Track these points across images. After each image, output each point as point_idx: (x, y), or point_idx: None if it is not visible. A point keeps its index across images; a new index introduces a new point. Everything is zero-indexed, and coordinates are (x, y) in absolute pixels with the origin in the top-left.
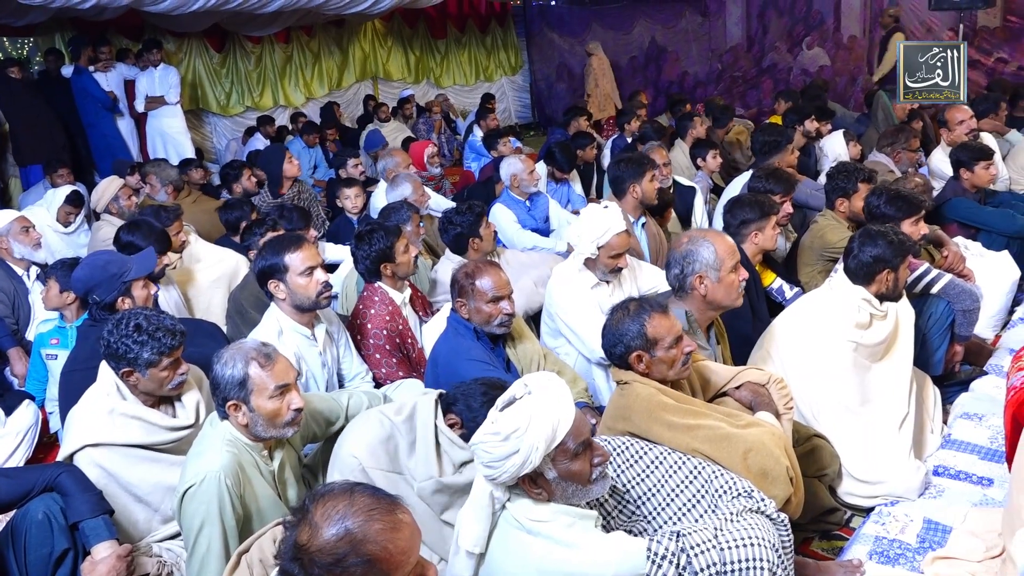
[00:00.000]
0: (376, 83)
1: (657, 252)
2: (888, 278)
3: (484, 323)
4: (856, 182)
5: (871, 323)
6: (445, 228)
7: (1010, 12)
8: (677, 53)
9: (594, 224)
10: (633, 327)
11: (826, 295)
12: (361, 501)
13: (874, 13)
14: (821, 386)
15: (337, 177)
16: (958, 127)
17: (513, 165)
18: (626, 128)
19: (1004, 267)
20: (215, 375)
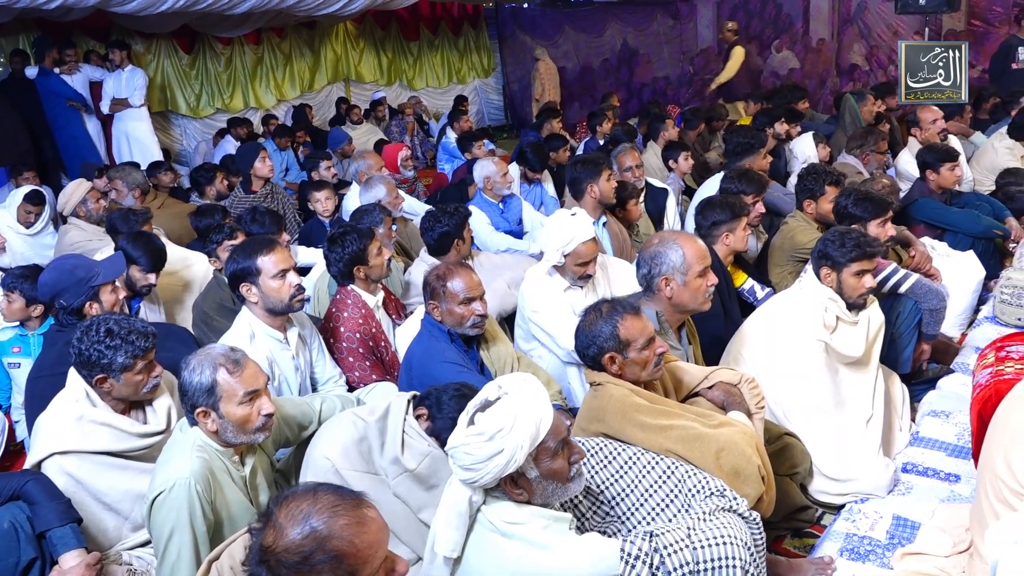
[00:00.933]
0: (348, 85)
1: (620, 250)
2: (830, 278)
3: (456, 325)
4: (823, 185)
5: (837, 325)
6: (431, 226)
7: (974, 16)
8: (649, 56)
9: (560, 232)
10: (606, 329)
11: (795, 296)
12: (325, 499)
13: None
14: (792, 386)
15: (309, 180)
16: (931, 127)
17: (486, 168)
18: (598, 130)
19: (969, 267)
20: (183, 381)
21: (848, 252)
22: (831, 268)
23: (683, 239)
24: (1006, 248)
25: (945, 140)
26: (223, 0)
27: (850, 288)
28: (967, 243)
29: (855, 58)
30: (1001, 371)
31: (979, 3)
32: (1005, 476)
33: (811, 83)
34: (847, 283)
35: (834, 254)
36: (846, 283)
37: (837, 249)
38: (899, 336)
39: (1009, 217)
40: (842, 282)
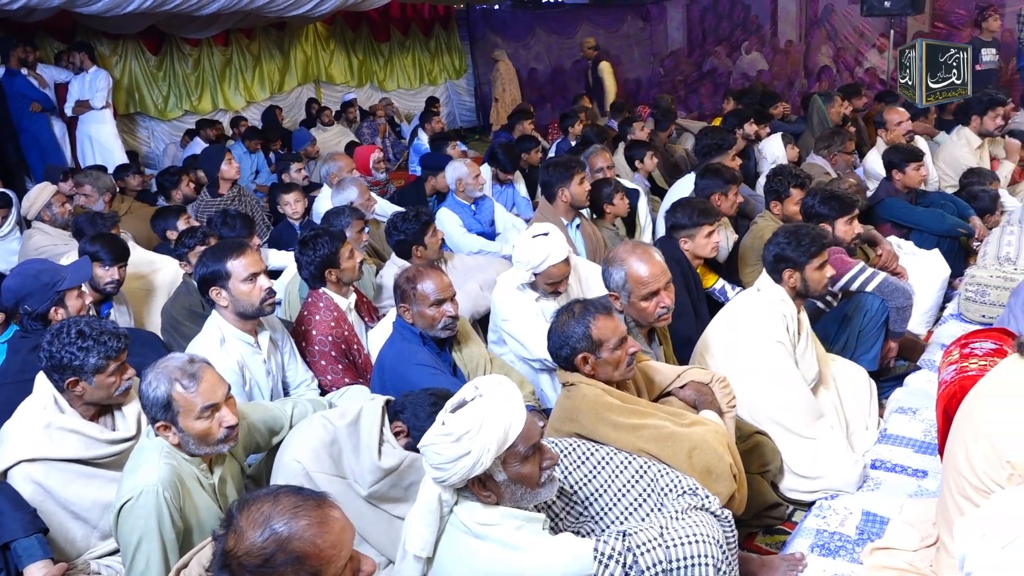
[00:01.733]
0: (319, 87)
1: (594, 252)
2: (793, 278)
3: (428, 327)
4: (789, 187)
5: (798, 340)
6: (390, 233)
7: (937, 18)
8: (620, 57)
9: (532, 253)
10: (578, 329)
11: (753, 299)
12: (286, 501)
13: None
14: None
15: (279, 182)
16: (896, 128)
17: (458, 169)
18: (570, 131)
19: (935, 265)
20: (142, 394)
21: (806, 250)
22: (793, 269)
23: (633, 259)
24: (970, 246)
25: (911, 141)
26: (191, 1)
27: (815, 283)
28: (932, 242)
29: (822, 60)
30: (965, 368)
31: (943, 5)
32: (967, 472)
33: (779, 84)
34: (811, 279)
35: (793, 255)
36: (810, 279)
37: (795, 250)
38: (866, 334)
39: (973, 216)
40: (806, 279)
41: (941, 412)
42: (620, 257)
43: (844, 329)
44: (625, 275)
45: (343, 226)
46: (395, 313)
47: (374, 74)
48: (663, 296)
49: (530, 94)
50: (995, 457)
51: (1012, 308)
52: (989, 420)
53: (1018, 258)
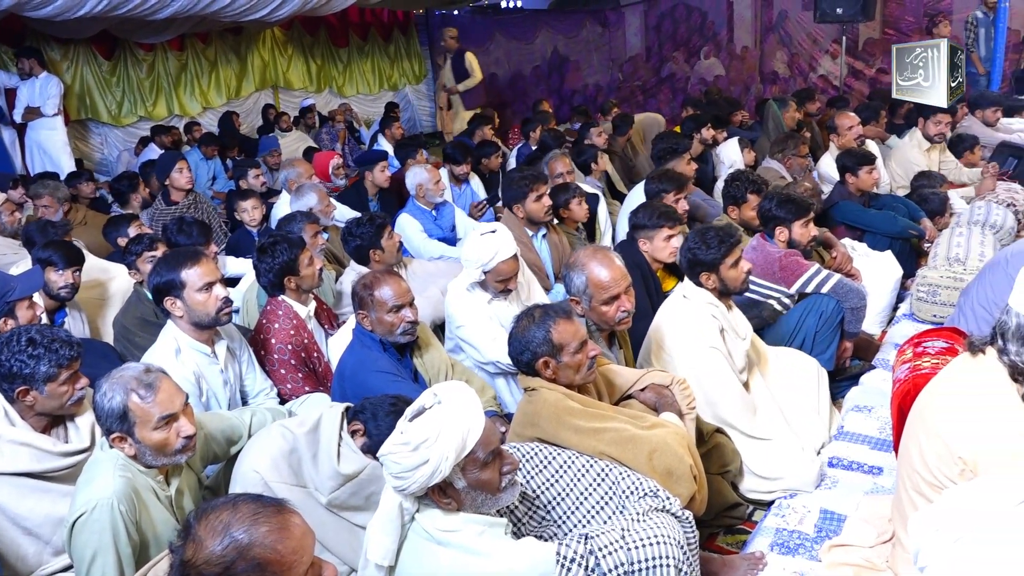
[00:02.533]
0: (276, 92)
1: (560, 262)
2: (711, 280)
3: (387, 333)
4: (746, 192)
5: (723, 336)
6: (346, 239)
7: (888, 25)
8: (579, 63)
9: (480, 250)
10: (539, 333)
11: (680, 305)
12: (245, 508)
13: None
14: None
15: (237, 189)
16: (848, 132)
17: (418, 175)
18: (531, 136)
19: (888, 266)
20: (96, 405)
21: (716, 250)
22: (708, 271)
23: (593, 264)
24: (921, 248)
25: (862, 145)
26: (144, 5)
27: (732, 280)
28: (885, 243)
29: (777, 65)
30: (919, 366)
31: (892, 13)
32: (920, 468)
33: (736, 89)
34: (728, 277)
35: (705, 258)
36: (727, 277)
37: (705, 252)
38: (822, 335)
39: (924, 218)
40: (724, 279)
41: (896, 410)
42: (580, 262)
43: (800, 330)
44: (586, 280)
45: (298, 231)
46: (355, 320)
47: (333, 79)
48: (624, 300)
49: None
50: (947, 453)
51: (962, 308)
52: (941, 417)
53: (967, 259)
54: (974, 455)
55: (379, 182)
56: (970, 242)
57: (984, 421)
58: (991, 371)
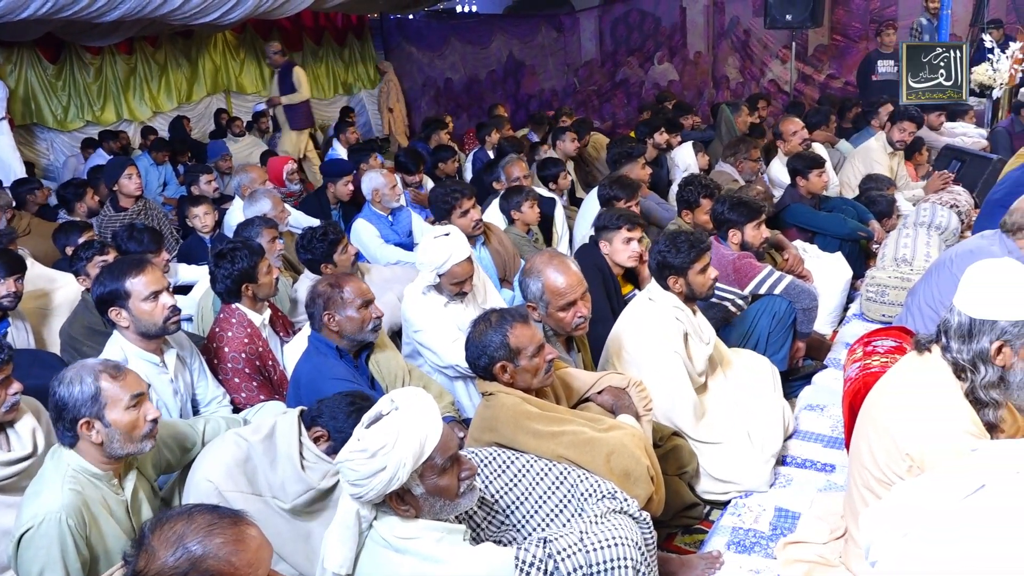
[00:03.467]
0: (229, 96)
1: (503, 268)
2: (678, 284)
3: (358, 330)
4: (699, 196)
5: (686, 340)
6: (299, 251)
7: (835, 31)
8: (535, 67)
9: (434, 253)
10: (496, 338)
11: (646, 307)
12: (200, 519)
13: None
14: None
15: (188, 194)
16: (792, 138)
17: (375, 180)
18: (487, 141)
19: (838, 267)
20: (60, 397)
21: (686, 255)
22: (676, 275)
23: (549, 270)
24: (870, 249)
25: (808, 148)
26: (91, 8)
27: (699, 286)
28: (835, 245)
29: (729, 71)
30: (868, 365)
31: (840, 19)
32: (870, 465)
33: (690, 94)
34: (695, 282)
35: (674, 261)
36: (694, 283)
37: (675, 256)
38: (776, 335)
39: (872, 220)
40: (691, 284)
41: (847, 408)
42: (537, 268)
43: (754, 331)
44: (542, 286)
45: (255, 236)
46: (310, 327)
47: None
48: (580, 306)
49: (446, 104)
50: (895, 450)
51: (909, 307)
52: (889, 415)
53: (914, 259)
54: (920, 452)
55: (342, 195)
56: (916, 243)
57: (929, 419)
58: (936, 369)
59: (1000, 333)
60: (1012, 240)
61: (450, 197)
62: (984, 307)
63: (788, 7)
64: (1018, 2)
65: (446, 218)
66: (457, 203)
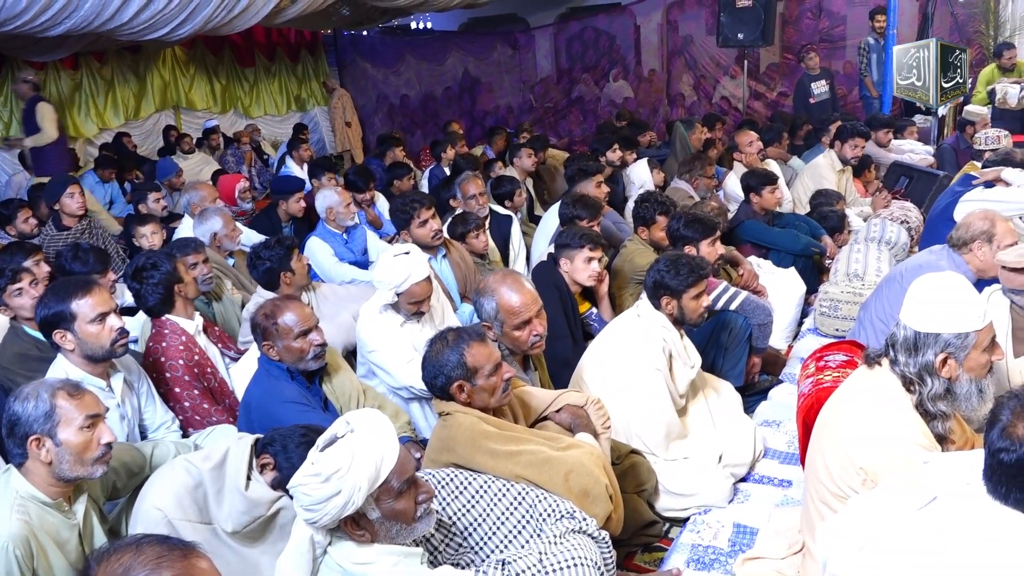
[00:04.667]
0: (178, 113)
1: (464, 282)
2: (671, 306)
3: (297, 360)
4: (655, 213)
5: (670, 361)
6: (254, 264)
7: (787, 50)
8: (491, 84)
9: (393, 272)
10: (453, 357)
11: (633, 323)
12: (149, 551)
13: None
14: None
15: (136, 213)
16: (749, 148)
17: (329, 198)
18: (443, 158)
19: (792, 283)
20: (14, 412)
21: (685, 279)
22: (671, 296)
23: (504, 289)
24: (823, 264)
25: (763, 161)
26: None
27: (691, 311)
28: (789, 260)
29: (683, 88)
30: (821, 380)
31: (790, 38)
32: (825, 480)
33: (644, 111)
34: (688, 307)
35: (671, 283)
36: (687, 307)
37: (673, 278)
38: (732, 350)
39: (824, 235)
40: (683, 307)
41: (801, 423)
42: (491, 287)
43: (712, 346)
44: (496, 305)
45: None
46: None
47: (239, 100)
48: (535, 324)
49: (401, 121)
50: (848, 464)
51: (862, 321)
52: (841, 429)
53: (865, 274)
54: (872, 464)
55: (293, 211)
56: (867, 258)
57: (881, 432)
58: (885, 383)
59: (944, 346)
60: (959, 255)
61: (409, 207)
62: (928, 321)
63: (739, 26)
64: (960, 21)
65: (405, 228)
66: (416, 213)
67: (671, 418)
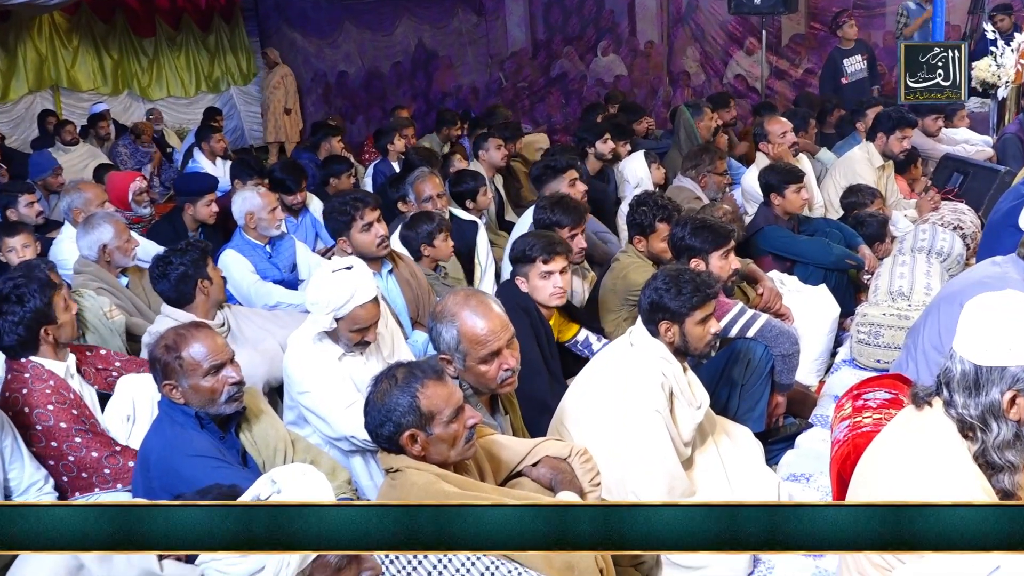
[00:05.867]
0: (58, 94)
1: (416, 303)
2: (671, 332)
3: (208, 403)
4: (655, 219)
5: (671, 401)
6: (162, 272)
7: (814, 18)
8: (450, 59)
9: (331, 292)
10: (403, 400)
11: (624, 353)
12: None
13: (671, 17)
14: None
15: (3, 221)
16: (782, 139)
17: (250, 201)
18: (390, 150)
19: (823, 303)
20: None
21: (687, 300)
22: (671, 321)
23: (466, 313)
24: (860, 280)
25: (796, 156)
26: None
27: (696, 339)
28: (819, 276)
29: (688, 64)
30: (859, 423)
31: (818, 4)
32: None
33: (641, 92)
34: (692, 334)
35: (671, 305)
36: (691, 334)
37: (674, 298)
38: (750, 388)
39: (861, 245)
40: (686, 334)
41: (835, 478)
42: (451, 311)
43: (724, 383)
44: (458, 333)
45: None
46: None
47: (134, 78)
48: (506, 356)
49: (339, 104)
50: None
51: (909, 350)
52: (884, 485)
53: (912, 292)
54: None
55: (203, 217)
56: (915, 272)
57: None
58: (938, 428)
59: (1012, 381)
60: None
61: (349, 206)
62: (991, 352)
63: None
64: None
65: (343, 233)
66: (358, 214)
67: (674, 471)
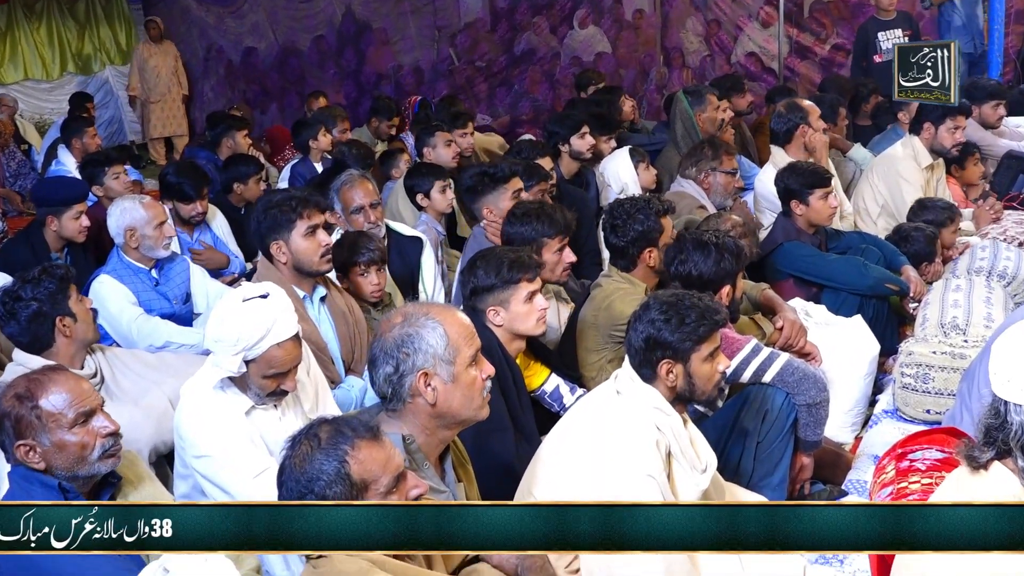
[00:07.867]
0: None
1: (350, 337)
2: (673, 373)
3: (77, 463)
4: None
5: (669, 463)
6: (10, 312)
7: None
8: (387, 32)
9: (242, 327)
10: (328, 466)
11: (607, 404)
12: None
13: None
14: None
15: None
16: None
17: (131, 213)
18: (312, 147)
19: (859, 339)
20: None
21: (692, 330)
22: (673, 359)
23: (440, 312)
24: (904, 310)
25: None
26: None
27: (704, 380)
28: (853, 305)
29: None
30: (904, 489)
31: None
32: None
33: (629, 74)
34: (699, 374)
35: (672, 339)
36: (698, 375)
37: (675, 330)
38: (767, 446)
39: (906, 265)
40: (692, 374)
41: (876, 558)
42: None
43: (735, 441)
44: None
45: None
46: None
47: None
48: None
49: (245, 89)
50: None
51: (964, 398)
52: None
53: (969, 324)
54: None
55: (69, 233)
56: (972, 300)
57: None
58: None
59: None
60: None
61: (294, 203)
62: None
63: None
64: None
65: (280, 236)
66: (305, 212)
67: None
